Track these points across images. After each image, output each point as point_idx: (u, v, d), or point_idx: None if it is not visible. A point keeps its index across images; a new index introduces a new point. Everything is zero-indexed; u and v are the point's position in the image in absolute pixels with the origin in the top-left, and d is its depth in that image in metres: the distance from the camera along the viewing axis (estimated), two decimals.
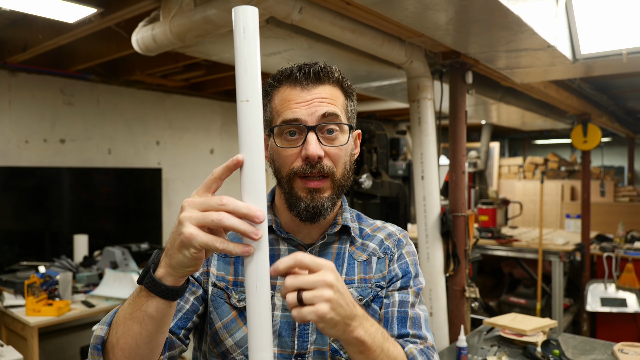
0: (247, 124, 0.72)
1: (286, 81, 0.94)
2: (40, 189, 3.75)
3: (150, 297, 0.74)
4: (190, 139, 4.93)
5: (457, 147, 2.59)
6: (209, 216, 0.68)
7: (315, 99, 0.91)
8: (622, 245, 4.93)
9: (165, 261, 0.73)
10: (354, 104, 1.01)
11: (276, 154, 0.94)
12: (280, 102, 0.93)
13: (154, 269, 0.74)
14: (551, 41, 2.20)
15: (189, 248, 0.68)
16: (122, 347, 0.77)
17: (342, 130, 0.94)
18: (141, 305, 0.75)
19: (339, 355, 0.96)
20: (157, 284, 0.73)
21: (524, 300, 4.73)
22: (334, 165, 0.92)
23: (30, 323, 2.65)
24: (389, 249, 1.06)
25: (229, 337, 0.95)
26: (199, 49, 2.40)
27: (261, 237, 0.70)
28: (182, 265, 0.71)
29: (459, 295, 2.57)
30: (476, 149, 6.42)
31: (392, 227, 1.11)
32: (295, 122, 0.90)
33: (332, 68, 0.95)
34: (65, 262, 3.37)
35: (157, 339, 0.78)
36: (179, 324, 0.92)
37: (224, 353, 0.95)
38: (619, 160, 9.73)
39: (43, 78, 3.83)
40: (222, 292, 0.97)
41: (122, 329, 0.77)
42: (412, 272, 1.05)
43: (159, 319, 0.75)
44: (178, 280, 0.74)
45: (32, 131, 3.79)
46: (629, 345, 2.24)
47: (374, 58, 2.61)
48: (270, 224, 1.01)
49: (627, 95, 4.92)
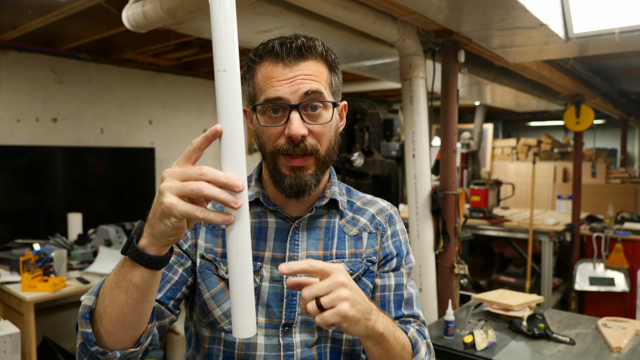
0: (225, 94, 0.72)
1: (268, 56, 0.92)
2: (34, 168, 3.74)
3: (135, 266, 0.75)
4: (183, 119, 4.91)
5: (449, 126, 2.61)
6: (189, 186, 0.69)
7: (298, 76, 0.89)
8: (611, 225, 4.99)
9: (148, 231, 0.73)
10: (339, 78, 0.99)
11: (260, 130, 0.94)
12: (263, 78, 0.92)
13: (137, 239, 0.75)
14: (544, 19, 2.20)
15: (169, 217, 0.69)
16: (110, 315, 0.78)
17: (325, 107, 0.93)
18: (126, 274, 0.76)
19: None
20: (141, 254, 0.74)
21: (514, 279, 4.81)
22: (317, 142, 0.92)
23: (26, 298, 2.68)
24: (380, 224, 1.07)
25: (217, 308, 0.97)
26: (190, 25, 2.38)
27: (241, 206, 0.71)
28: (164, 235, 0.72)
29: (449, 271, 2.61)
30: (470, 130, 6.44)
31: (383, 202, 1.12)
32: (277, 100, 0.89)
33: (314, 42, 0.93)
34: (60, 239, 3.39)
35: (144, 307, 0.79)
36: (168, 295, 0.94)
37: (212, 323, 0.98)
38: (612, 142, 9.78)
39: (34, 56, 3.80)
40: (210, 263, 0.98)
41: (108, 298, 0.78)
42: (404, 251, 1.08)
43: (144, 287, 0.76)
44: (161, 250, 0.74)
45: (23, 110, 3.77)
46: (612, 320, 2.29)
47: (367, 36, 2.60)
48: (258, 196, 1.01)
49: (621, 76, 4.93)
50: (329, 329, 0.99)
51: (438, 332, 2.20)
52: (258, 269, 0.97)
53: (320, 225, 1.03)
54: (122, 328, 0.79)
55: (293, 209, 1.01)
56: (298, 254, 0.99)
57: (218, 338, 0.98)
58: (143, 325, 0.82)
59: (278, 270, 0.96)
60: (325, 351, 0.99)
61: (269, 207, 1.00)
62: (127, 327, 0.80)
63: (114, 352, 0.80)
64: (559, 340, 2.08)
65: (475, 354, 1.97)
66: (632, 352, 1.98)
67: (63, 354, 3.18)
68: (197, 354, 1.03)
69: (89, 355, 0.83)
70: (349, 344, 1.01)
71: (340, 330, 0.97)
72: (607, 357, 1.94)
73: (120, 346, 0.81)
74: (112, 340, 0.80)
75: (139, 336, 0.83)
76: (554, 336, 2.10)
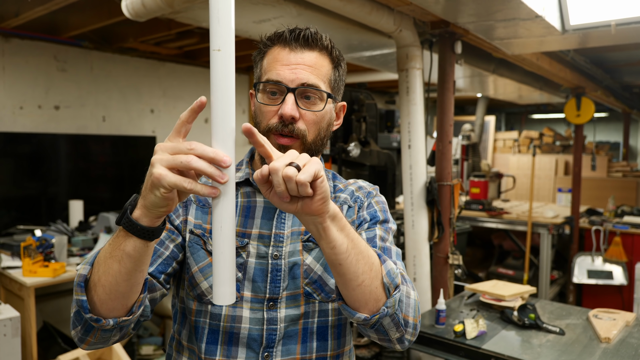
0: (219, 73, 0.75)
1: (277, 42, 1.00)
2: (36, 155, 3.79)
3: (128, 236, 0.78)
4: (184, 108, 4.88)
5: (445, 117, 2.62)
6: (178, 158, 0.72)
7: (300, 65, 0.96)
8: (611, 219, 5.00)
9: (141, 202, 0.77)
10: (341, 74, 1.05)
11: (258, 109, 1.00)
12: (269, 61, 0.99)
13: (131, 210, 0.78)
14: (539, 11, 2.20)
15: (158, 188, 0.72)
16: (103, 284, 0.82)
17: (320, 98, 0.99)
18: (120, 244, 0.79)
19: (312, 298, 1.02)
20: (134, 224, 0.77)
21: (512, 272, 4.82)
22: (307, 129, 0.98)
23: (27, 283, 2.73)
24: (359, 198, 1.10)
25: (204, 281, 1.01)
26: (189, 14, 2.39)
27: (227, 181, 0.74)
28: (155, 206, 0.75)
29: (443, 262, 2.64)
30: (471, 122, 6.42)
31: (363, 183, 1.16)
32: (277, 82, 0.96)
33: (322, 35, 1.00)
34: (61, 226, 3.44)
35: (136, 277, 0.82)
36: (159, 269, 0.98)
37: (199, 295, 1.01)
38: (615, 135, 9.74)
39: (36, 44, 3.83)
40: (199, 238, 1.02)
41: (102, 267, 0.81)
42: (379, 217, 1.08)
43: (137, 257, 0.79)
44: (153, 221, 0.77)
45: (26, 97, 3.80)
46: (604, 312, 2.32)
47: (364, 27, 2.61)
48: (248, 177, 1.06)
49: (623, 69, 4.91)
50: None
51: (430, 320, 2.23)
52: (245, 244, 1.01)
53: None
54: (115, 297, 0.83)
55: None
56: (284, 231, 1.03)
57: (204, 311, 1.01)
58: (135, 295, 0.85)
59: (263, 245, 1.01)
60: (312, 326, 1.03)
61: (258, 187, 1.04)
62: (120, 296, 0.83)
63: (107, 319, 0.84)
64: (548, 330, 2.10)
65: (465, 342, 2.00)
66: (620, 343, 2.01)
67: (63, 338, 3.23)
68: (182, 328, 1.07)
69: (83, 322, 0.86)
70: (336, 313, 1.05)
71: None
72: (595, 347, 1.97)
73: (113, 314, 0.85)
74: (105, 308, 0.84)
75: (131, 305, 0.86)
76: (544, 326, 2.12)
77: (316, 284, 1.02)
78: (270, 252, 1.01)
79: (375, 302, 0.87)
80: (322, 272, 1.02)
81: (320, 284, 1.02)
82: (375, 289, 0.86)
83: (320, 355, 1.04)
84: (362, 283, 0.85)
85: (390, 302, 0.87)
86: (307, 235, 1.04)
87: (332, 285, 1.03)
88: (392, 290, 0.88)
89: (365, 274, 0.85)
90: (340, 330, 1.07)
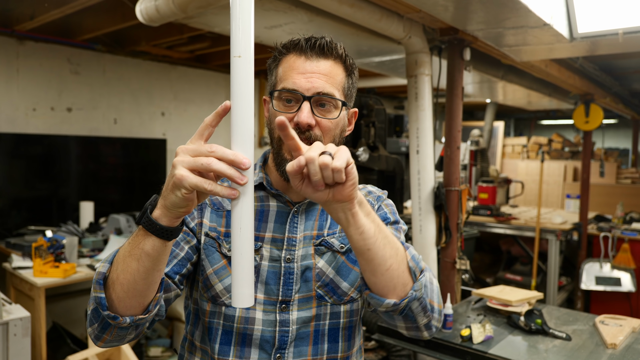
0: (239, 78, 0.77)
1: (293, 50, 1.01)
2: (48, 157, 3.84)
3: (147, 235, 0.81)
4: (195, 111, 4.98)
5: (453, 122, 2.64)
6: (199, 160, 0.75)
7: (316, 73, 0.99)
8: (619, 225, 4.98)
9: (161, 203, 0.80)
10: (354, 82, 1.08)
11: (273, 116, 1.02)
12: (285, 69, 1.01)
13: (151, 210, 0.81)
14: (547, 19, 2.22)
15: (180, 189, 0.75)
16: (122, 282, 0.84)
17: (335, 106, 1.01)
18: (139, 243, 0.82)
19: (324, 301, 1.04)
20: (154, 224, 0.80)
21: (520, 277, 4.81)
22: (322, 135, 1.00)
23: (37, 284, 2.77)
24: (370, 202, 1.12)
25: (219, 282, 1.03)
26: (201, 20, 2.43)
27: (246, 183, 0.77)
28: (175, 206, 0.78)
29: (450, 266, 2.65)
30: (480, 127, 6.43)
31: (372, 187, 1.19)
32: (293, 91, 0.98)
33: (337, 44, 1.02)
34: (72, 227, 3.48)
35: (153, 276, 0.85)
36: (175, 269, 1.00)
37: (213, 297, 1.04)
38: (624, 142, 9.68)
39: (50, 47, 3.89)
40: (214, 241, 1.05)
41: (121, 265, 0.84)
42: (390, 218, 1.11)
43: (155, 256, 0.82)
44: (172, 221, 0.80)
45: (39, 99, 3.86)
46: (611, 318, 2.32)
47: (374, 33, 2.64)
48: (261, 181, 1.09)
49: (632, 76, 4.89)
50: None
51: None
52: (258, 248, 1.04)
53: (317, 209, 1.10)
54: (133, 295, 0.85)
55: (293, 195, 1.08)
56: (297, 235, 1.06)
57: (218, 312, 1.04)
58: (152, 294, 0.88)
59: (275, 249, 1.04)
60: (324, 328, 1.05)
61: (272, 191, 1.08)
62: (137, 294, 0.86)
63: (124, 317, 0.86)
64: (555, 336, 2.11)
65: (471, 347, 2.01)
66: (627, 349, 2.01)
67: (72, 339, 3.27)
68: (195, 329, 1.10)
69: (100, 320, 0.89)
70: (347, 315, 1.07)
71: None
72: (601, 353, 1.98)
73: (130, 312, 0.87)
74: (122, 306, 0.86)
75: (147, 304, 0.89)
76: (550, 332, 2.13)
77: (328, 286, 1.04)
78: (283, 256, 1.03)
79: (403, 287, 0.89)
80: (334, 275, 1.05)
81: (332, 287, 1.05)
82: (402, 273, 0.89)
83: (331, 357, 1.06)
84: (390, 267, 0.87)
85: (417, 285, 0.90)
86: (319, 240, 1.06)
87: (344, 288, 1.05)
88: (418, 274, 0.91)
89: (393, 258, 0.87)
90: (350, 332, 1.10)
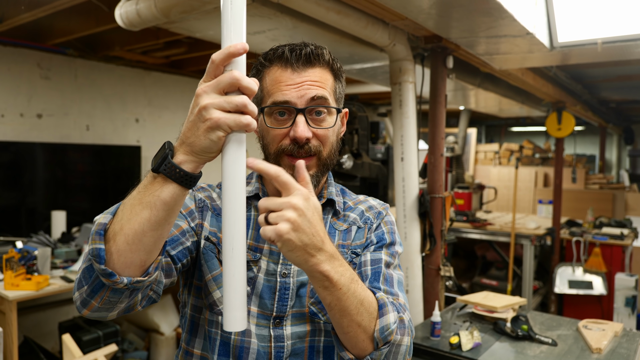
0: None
1: (277, 61, 0.97)
2: (16, 165, 3.69)
3: (167, 182, 0.75)
4: (169, 117, 4.89)
5: (437, 130, 2.65)
6: (234, 100, 0.72)
7: (305, 82, 0.95)
8: (590, 230, 5.11)
9: (186, 148, 0.75)
10: (343, 85, 1.05)
11: (265, 131, 0.99)
12: (271, 82, 0.97)
13: (171, 156, 0.76)
14: (530, 28, 2.26)
15: (215, 131, 0.72)
16: (126, 233, 0.77)
17: (329, 113, 0.98)
18: (154, 191, 0.76)
19: (317, 318, 1.01)
20: (176, 170, 0.75)
21: (496, 282, 4.89)
22: (321, 144, 0.98)
23: (9, 297, 2.65)
24: (369, 219, 1.10)
25: (217, 290, 1.00)
26: (184, 25, 2.38)
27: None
28: (206, 151, 0.74)
29: (434, 273, 2.65)
30: (454, 134, 6.52)
31: (373, 201, 1.16)
32: (285, 104, 0.94)
33: (322, 51, 0.98)
34: (43, 237, 3.35)
35: (164, 228, 0.79)
36: (179, 256, 0.95)
37: (211, 305, 1.00)
38: (591, 149, 10.00)
39: (19, 51, 3.75)
40: (214, 246, 1.01)
41: (128, 214, 0.77)
42: (387, 239, 1.07)
43: (172, 205, 0.77)
44: (198, 167, 0.76)
45: (7, 105, 3.71)
46: (592, 322, 2.36)
47: (357, 40, 2.64)
48: (258, 192, 1.06)
49: (601, 84, 5.06)
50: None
51: (424, 333, 2.23)
52: (257, 259, 1.01)
53: None
54: (137, 248, 0.78)
55: None
56: None
57: (216, 322, 1.00)
58: (157, 251, 0.81)
59: (272, 262, 1.01)
60: (319, 345, 1.02)
61: None
62: (142, 248, 0.78)
63: (121, 277, 0.78)
64: (541, 342, 2.13)
65: (461, 354, 2.01)
66: (611, 353, 2.05)
67: (45, 354, 3.14)
68: (193, 337, 1.05)
69: (92, 279, 0.81)
70: None
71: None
72: (587, 357, 2.00)
73: (129, 272, 0.79)
74: (122, 262, 0.78)
75: (149, 264, 0.82)
76: (536, 337, 2.15)
77: (321, 304, 1.01)
78: (279, 270, 1.00)
79: (362, 350, 0.88)
80: None
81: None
82: (362, 341, 0.87)
83: None
84: (348, 333, 0.87)
85: (376, 354, 0.88)
86: None
87: None
88: (380, 345, 0.88)
89: (353, 328, 0.86)
90: None
